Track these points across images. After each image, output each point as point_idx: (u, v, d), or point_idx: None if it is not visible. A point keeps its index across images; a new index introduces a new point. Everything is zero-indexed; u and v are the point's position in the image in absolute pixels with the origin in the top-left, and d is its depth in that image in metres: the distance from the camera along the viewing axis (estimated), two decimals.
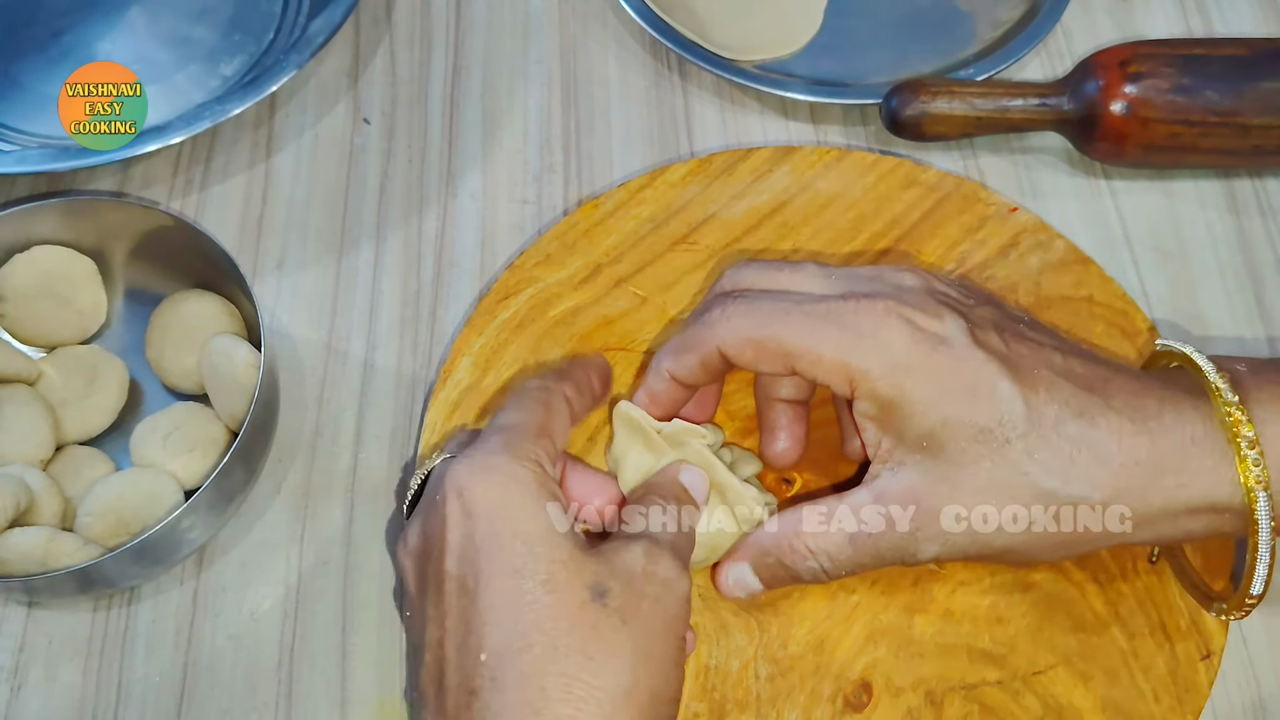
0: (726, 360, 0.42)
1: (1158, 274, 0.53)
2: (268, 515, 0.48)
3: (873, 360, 0.39)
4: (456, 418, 0.48)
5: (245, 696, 0.45)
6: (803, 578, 0.41)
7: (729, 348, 0.41)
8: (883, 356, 0.39)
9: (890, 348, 0.39)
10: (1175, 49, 0.53)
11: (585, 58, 0.60)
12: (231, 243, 0.54)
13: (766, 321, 0.41)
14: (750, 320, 0.41)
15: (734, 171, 0.54)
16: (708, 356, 0.42)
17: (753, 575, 0.42)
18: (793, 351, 0.40)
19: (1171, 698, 0.43)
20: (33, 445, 0.47)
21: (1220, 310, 0.53)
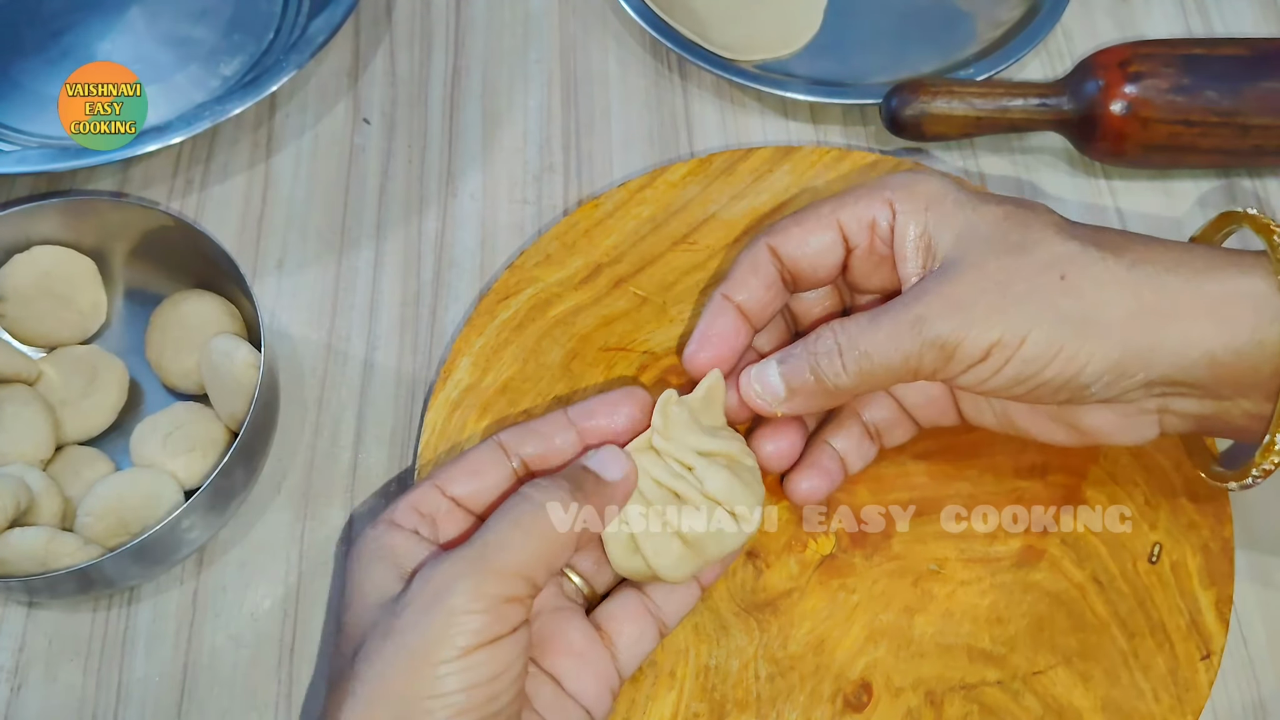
0: (779, 260, 0.42)
1: None
2: (268, 515, 0.48)
3: (912, 185, 0.40)
4: (456, 418, 0.48)
5: (245, 696, 0.45)
6: (826, 381, 0.39)
7: (777, 238, 0.41)
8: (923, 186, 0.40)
9: (930, 182, 0.40)
10: (1175, 49, 0.53)
11: (585, 58, 0.60)
12: (231, 243, 0.54)
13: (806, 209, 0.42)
14: (792, 216, 0.42)
15: (734, 171, 0.54)
16: (760, 262, 0.42)
17: (778, 376, 0.40)
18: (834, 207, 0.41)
19: (1171, 697, 0.43)
20: (33, 445, 0.47)
21: None
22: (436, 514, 0.39)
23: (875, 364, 0.38)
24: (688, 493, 0.40)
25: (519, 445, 0.41)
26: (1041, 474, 0.47)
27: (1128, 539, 0.45)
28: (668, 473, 0.40)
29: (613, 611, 0.41)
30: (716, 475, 0.40)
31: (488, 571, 0.35)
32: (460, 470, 0.40)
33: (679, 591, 0.41)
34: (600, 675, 0.39)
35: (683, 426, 0.41)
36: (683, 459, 0.40)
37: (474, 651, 0.34)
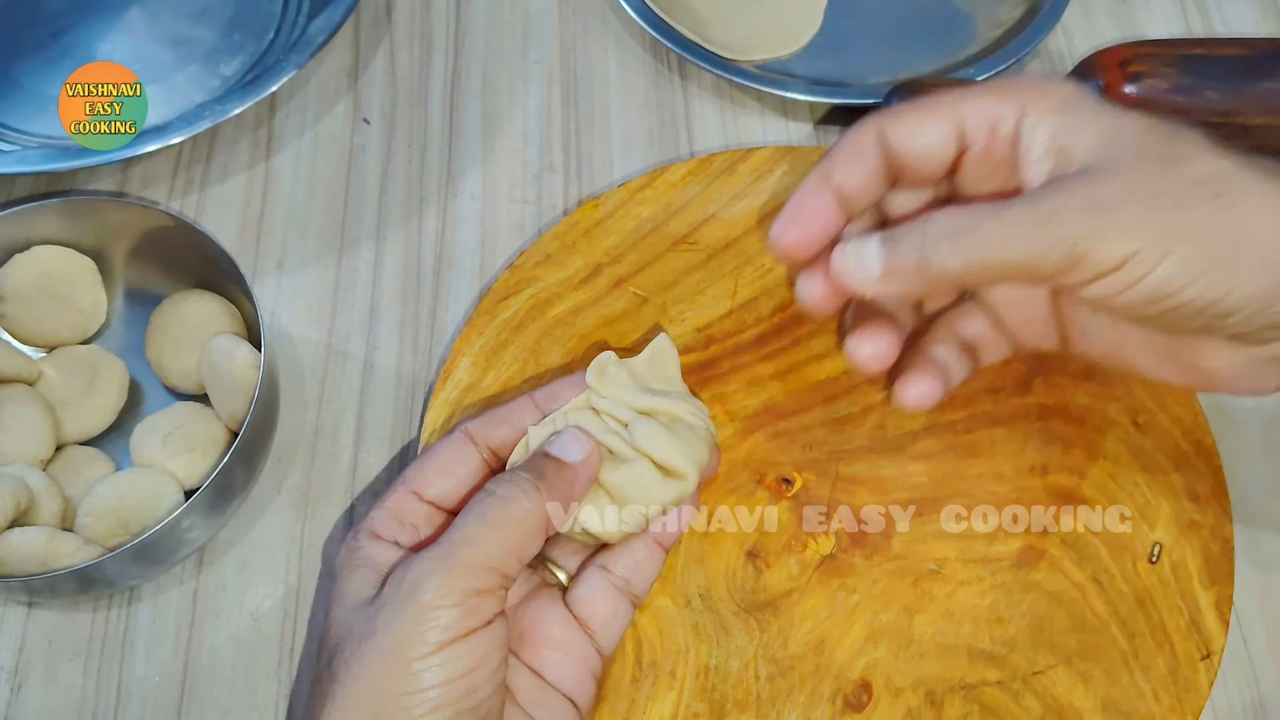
0: (887, 148, 0.37)
1: None
2: (268, 515, 0.48)
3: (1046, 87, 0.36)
4: (457, 418, 0.48)
5: (245, 696, 0.45)
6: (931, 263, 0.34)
7: (887, 123, 0.37)
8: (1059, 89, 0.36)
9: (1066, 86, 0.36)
10: (1175, 49, 0.53)
11: (585, 58, 0.60)
12: (231, 242, 0.54)
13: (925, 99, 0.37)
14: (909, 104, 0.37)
15: (734, 171, 0.54)
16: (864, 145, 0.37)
17: (878, 250, 0.35)
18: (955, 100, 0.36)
19: (1171, 698, 0.43)
20: (33, 445, 0.47)
21: None
22: (418, 521, 0.39)
23: (991, 254, 0.33)
24: (618, 447, 0.40)
25: (487, 435, 0.41)
26: (1042, 474, 0.47)
27: (1128, 539, 0.45)
28: (603, 429, 0.40)
29: (582, 596, 0.41)
30: (646, 429, 0.39)
31: (455, 566, 0.35)
32: (432, 470, 0.40)
33: (639, 558, 0.41)
34: (580, 661, 0.39)
35: (620, 386, 0.41)
36: (618, 416, 0.40)
37: (448, 646, 0.34)
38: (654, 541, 0.42)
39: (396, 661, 0.34)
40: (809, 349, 0.49)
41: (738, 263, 0.51)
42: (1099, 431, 0.47)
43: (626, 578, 0.41)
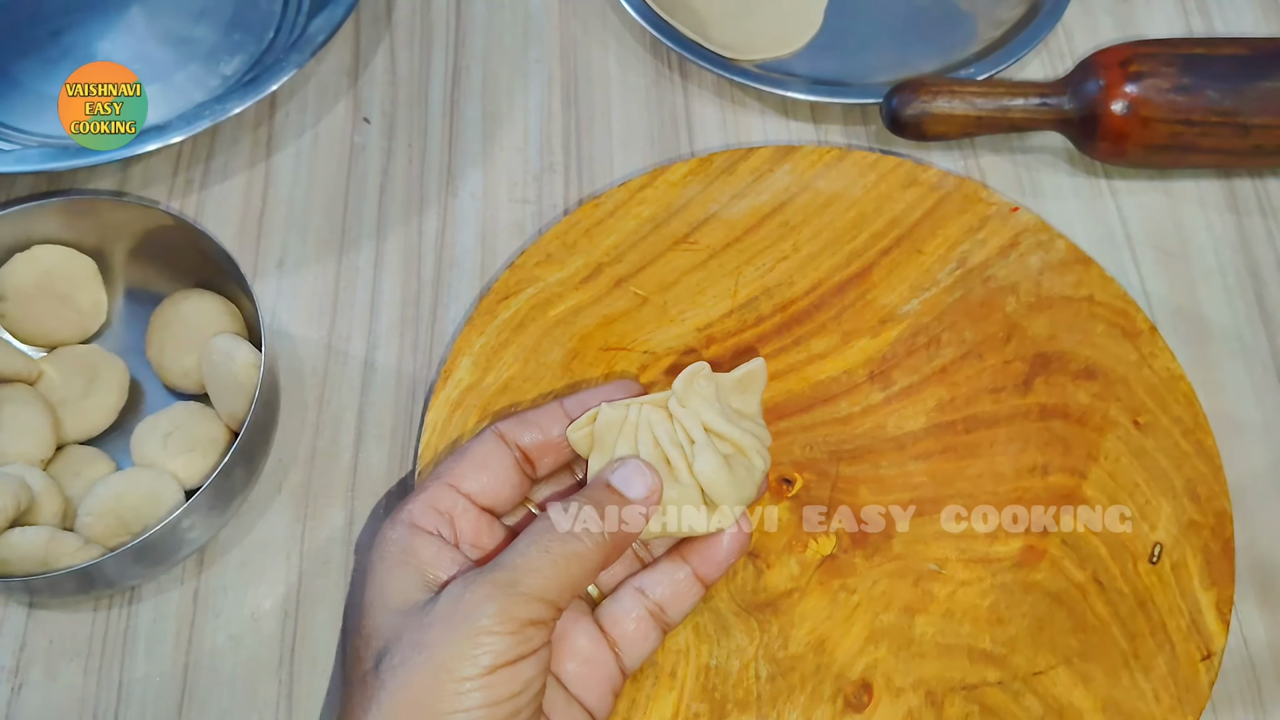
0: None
1: (1158, 274, 0.53)
2: (268, 515, 0.48)
3: None
4: (457, 417, 0.48)
5: (246, 696, 0.45)
6: None
7: None
8: None
9: None
10: (1176, 48, 0.53)
11: (585, 57, 0.60)
12: (231, 242, 0.54)
13: None
14: None
15: (734, 171, 0.53)
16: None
17: None
18: None
19: (1172, 698, 0.43)
20: (33, 445, 0.46)
21: (1221, 310, 0.53)
22: (454, 512, 0.39)
23: None
24: (676, 463, 0.40)
25: (517, 435, 0.41)
26: (1042, 474, 0.47)
27: (1128, 539, 0.45)
28: (669, 438, 0.40)
29: (614, 614, 0.41)
30: (709, 460, 0.39)
31: (516, 596, 0.35)
32: (468, 465, 0.40)
33: (679, 589, 0.41)
34: (605, 678, 0.40)
35: (702, 399, 0.40)
36: (689, 430, 0.40)
37: (497, 670, 0.34)
38: (694, 574, 0.41)
39: (446, 679, 0.34)
40: (809, 349, 0.49)
41: (738, 262, 0.51)
42: (1099, 431, 0.47)
43: (661, 604, 0.41)
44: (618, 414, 0.40)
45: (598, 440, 0.41)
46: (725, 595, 0.45)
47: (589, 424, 0.41)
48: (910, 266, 0.51)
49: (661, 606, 0.41)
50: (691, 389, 0.40)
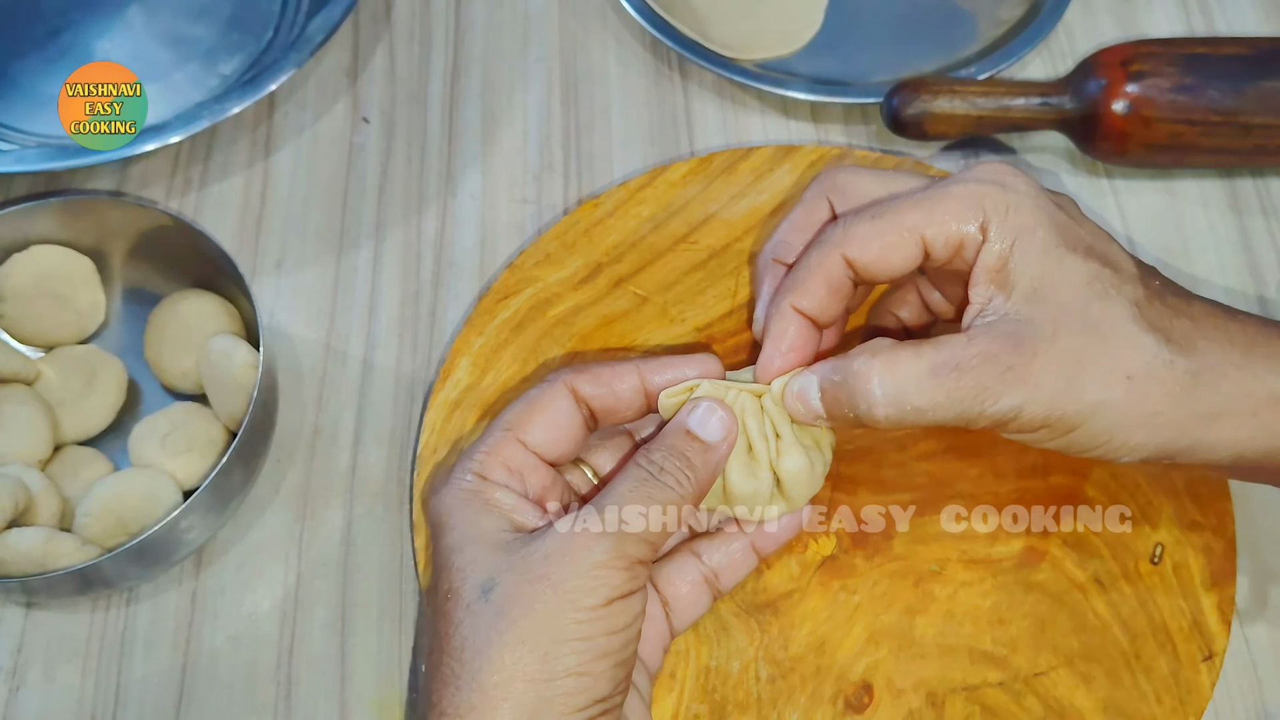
0: (853, 270, 0.40)
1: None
2: (266, 516, 0.48)
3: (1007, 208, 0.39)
4: (456, 418, 0.48)
5: (244, 697, 0.45)
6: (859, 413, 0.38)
7: (853, 249, 0.40)
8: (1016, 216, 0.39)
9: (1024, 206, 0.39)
10: (1177, 48, 0.53)
11: (585, 57, 0.60)
12: (230, 242, 0.54)
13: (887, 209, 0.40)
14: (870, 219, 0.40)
15: (734, 171, 0.53)
16: (832, 272, 0.40)
17: (816, 392, 0.39)
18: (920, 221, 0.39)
19: (1173, 699, 0.43)
20: (31, 445, 0.46)
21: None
22: (524, 470, 0.40)
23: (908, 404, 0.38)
24: (760, 455, 0.40)
25: (588, 391, 0.41)
26: (1042, 474, 0.47)
27: (1130, 540, 0.45)
28: (758, 428, 0.40)
29: (668, 574, 0.42)
30: (796, 460, 0.40)
31: (625, 535, 0.37)
32: (539, 419, 0.40)
33: (734, 558, 0.42)
34: (657, 633, 0.41)
35: None
36: (778, 425, 0.41)
37: (616, 602, 0.36)
38: (751, 546, 0.42)
39: (569, 607, 0.35)
40: None
41: (738, 262, 0.51)
42: None
43: (716, 571, 0.42)
44: (716, 392, 0.41)
45: None
46: (725, 596, 0.45)
47: (685, 394, 0.41)
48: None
49: (716, 573, 0.42)
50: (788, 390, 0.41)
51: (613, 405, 0.41)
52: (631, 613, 0.37)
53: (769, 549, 0.43)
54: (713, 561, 0.42)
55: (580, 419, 0.41)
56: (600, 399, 0.41)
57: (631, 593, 0.37)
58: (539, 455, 0.40)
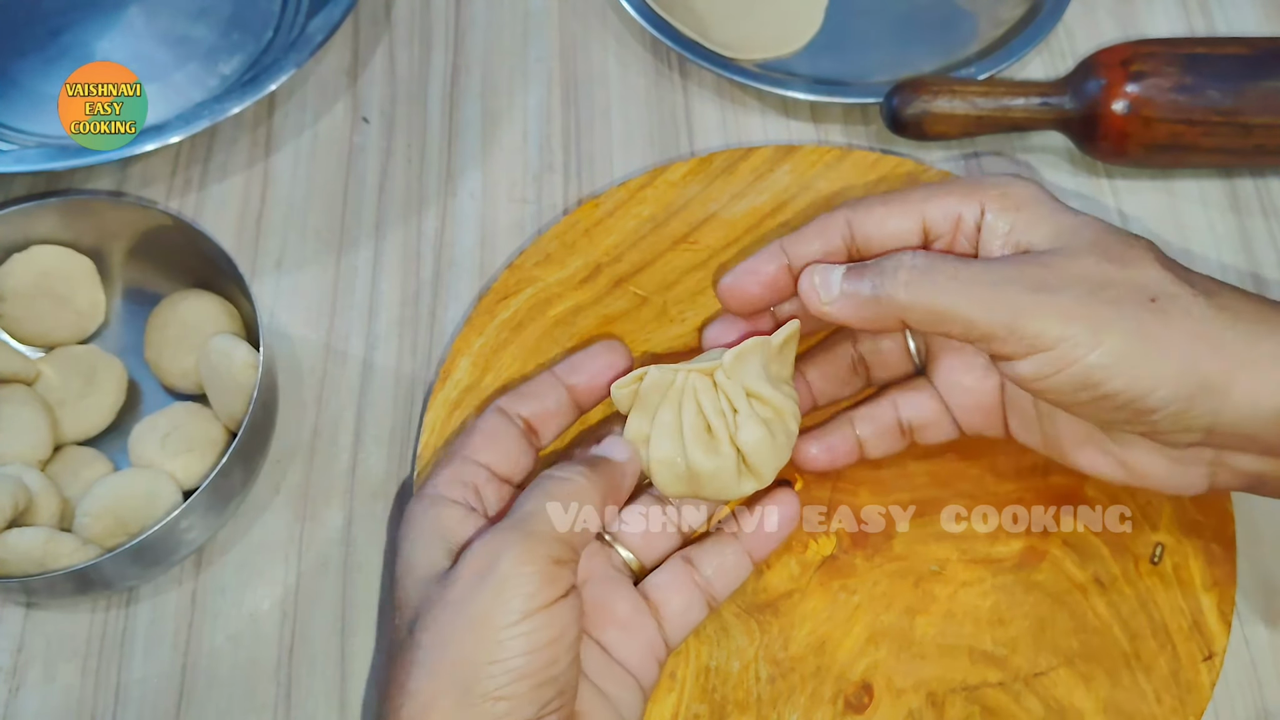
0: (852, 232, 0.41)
1: None
2: (266, 516, 0.48)
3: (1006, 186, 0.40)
4: (456, 418, 0.48)
5: (244, 698, 0.45)
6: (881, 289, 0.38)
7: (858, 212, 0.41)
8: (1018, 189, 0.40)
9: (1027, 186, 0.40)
10: (1177, 48, 0.53)
11: (585, 57, 0.60)
12: (230, 242, 0.54)
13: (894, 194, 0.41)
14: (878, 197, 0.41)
15: (734, 171, 0.53)
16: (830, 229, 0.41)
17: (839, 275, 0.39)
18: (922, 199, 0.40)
19: (1173, 699, 0.43)
20: (31, 445, 0.46)
21: None
22: (478, 482, 0.40)
23: (940, 301, 0.37)
24: (719, 431, 0.40)
25: (518, 408, 0.42)
26: (1043, 474, 0.47)
27: (1130, 540, 0.45)
28: (713, 406, 0.40)
29: (660, 582, 0.42)
30: (753, 431, 0.40)
31: (531, 537, 0.36)
32: (480, 439, 0.41)
33: (726, 563, 0.42)
34: (647, 644, 0.40)
35: (748, 367, 0.41)
36: (733, 399, 0.40)
37: (532, 615, 0.35)
38: (744, 550, 0.42)
39: (483, 629, 0.35)
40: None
41: (739, 262, 0.51)
42: None
43: (708, 578, 0.42)
44: (665, 377, 0.41)
45: (641, 399, 0.41)
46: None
47: (635, 383, 0.41)
48: None
49: (709, 580, 0.42)
50: (740, 362, 0.41)
51: (542, 411, 0.42)
52: (556, 624, 0.35)
53: (763, 553, 0.43)
54: (706, 569, 0.42)
55: (519, 434, 0.42)
56: (531, 412, 0.42)
57: (552, 601, 0.35)
58: (491, 470, 0.41)
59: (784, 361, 0.43)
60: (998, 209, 0.39)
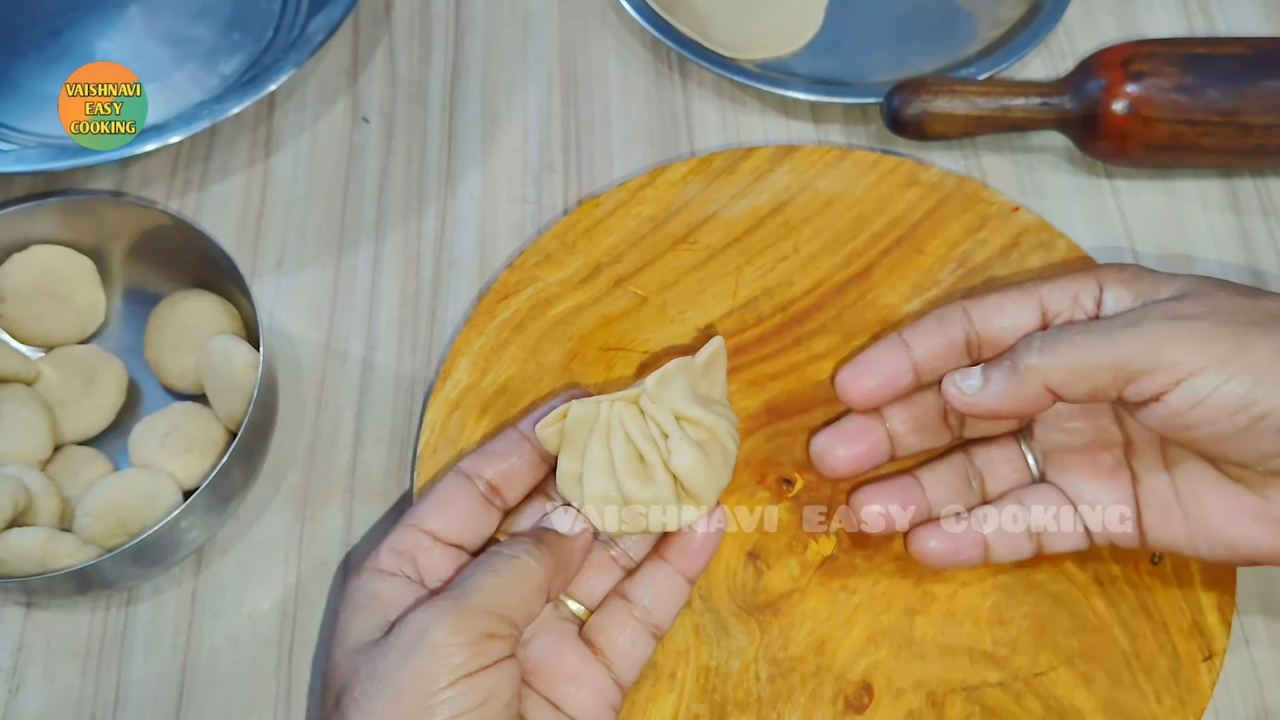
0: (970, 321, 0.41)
1: None
2: (266, 516, 0.48)
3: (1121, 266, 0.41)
4: (456, 418, 0.48)
5: (244, 697, 0.45)
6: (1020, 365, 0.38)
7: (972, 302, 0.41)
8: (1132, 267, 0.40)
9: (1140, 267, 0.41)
10: (1177, 48, 0.53)
11: (585, 56, 0.60)
12: (230, 242, 0.54)
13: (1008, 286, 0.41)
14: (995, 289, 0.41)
15: (734, 171, 0.53)
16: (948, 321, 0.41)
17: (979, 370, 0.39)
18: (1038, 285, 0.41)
19: (1173, 699, 0.43)
20: (31, 445, 0.46)
21: None
22: (415, 550, 0.40)
23: (1077, 353, 0.37)
24: (651, 459, 0.40)
25: (480, 469, 0.42)
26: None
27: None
28: (642, 434, 0.40)
29: (601, 624, 0.41)
30: (686, 453, 0.39)
31: (465, 609, 0.36)
32: (430, 504, 0.41)
33: (660, 588, 0.41)
34: (599, 692, 0.40)
35: (674, 389, 0.40)
36: (662, 424, 0.40)
37: (459, 682, 0.35)
38: (677, 572, 0.42)
39: (409, 699, 0.34)
40: (810, 349, 0.49)
41: (739, 262, 0.51)
42: None
43: (646, 608, 0.41)
44: (588, 411, 0.40)
45: (568, 438, 0.41)
46: (725, 596, 0.45)
47: (559, 420, 0.41)
48: (911, 266, 0.51)
49: (647, 610, 0.41)
50: (664, 384, 0.40)
51: (509, 475, 0.42)
52: (484, 689, 0.35)
53: (694, 569, 0.42)
54: (643, 600, 0.41)
55: (478, 497, 0.41)
56: (495, 472, 0.41)
57: (479, 670, 0.35)
58: (437, 537, 0.40)
59: (712, 381, 0.42)
60: (1116, 282, 0.40)
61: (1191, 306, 0.37)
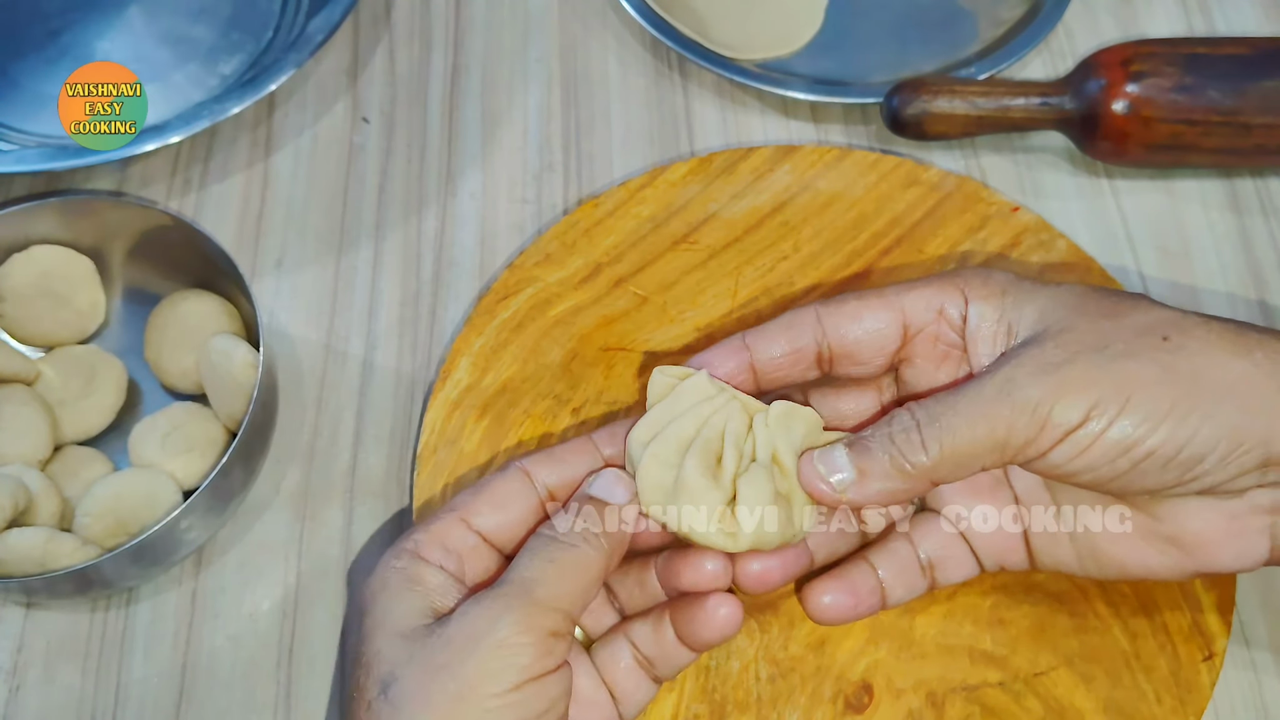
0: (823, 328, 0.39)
1: (1160, 274, 0.53)
2: (266, 516, 0.48)
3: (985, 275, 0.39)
4: (456, 418, 0.48)
5: (244, 697, 0.45)
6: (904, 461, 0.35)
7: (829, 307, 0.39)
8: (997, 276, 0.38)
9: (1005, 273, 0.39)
10: (1177, 48, 0.53)
11: (585, 57, 0.60)
12: (230, 242, 0.54)
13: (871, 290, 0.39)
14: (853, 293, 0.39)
15: (734, 171, 0.53)
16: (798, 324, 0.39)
17: (846, 456, 0.36)
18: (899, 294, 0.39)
19: (1174, 699, 0.43)
20: (31, 445, 0.46)
21: (1222, 310, 0.52)
22: (463, 550, 0.38)
23: (960, 439, 0.35)
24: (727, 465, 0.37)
25: (544, 473, 0.39)
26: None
27: None
28: (735, 439, 0.38)
29: (604, 661, 0.39)
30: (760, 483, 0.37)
31: (532, 605, 0.34)
32: (485, 502, 0.38)
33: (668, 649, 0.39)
34: None
35: (792, 432, 0.38)
36: (759, 447, 0.38)
37: (524, 686, 0.33)
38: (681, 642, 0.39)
39: (471, 699, 0.33)
40: None
41: (738, 262, 0.51)
42: None
43: (650, 658, 0.39)
44: (703, 388, 0.38)
45: (675, 397, 0.38)
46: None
47: (678, 379, 0.39)
48: (911, 266, 0.51)
49: (651, 661, 0.39)
50: (787, 423, 0.38)
51: (571, 480, 0.39)
52: (547, 697, 0.34)
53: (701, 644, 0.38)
54: (646, 649, 0.39)
55: (535, 503, 0.39)
56: (558, 478, 0.39)
57: (544, 674, 0.34)
58: (485, 538, 0.38)
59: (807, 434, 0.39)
60: (982, 295, 0.38)
61: (1056, 351, 0.35)
